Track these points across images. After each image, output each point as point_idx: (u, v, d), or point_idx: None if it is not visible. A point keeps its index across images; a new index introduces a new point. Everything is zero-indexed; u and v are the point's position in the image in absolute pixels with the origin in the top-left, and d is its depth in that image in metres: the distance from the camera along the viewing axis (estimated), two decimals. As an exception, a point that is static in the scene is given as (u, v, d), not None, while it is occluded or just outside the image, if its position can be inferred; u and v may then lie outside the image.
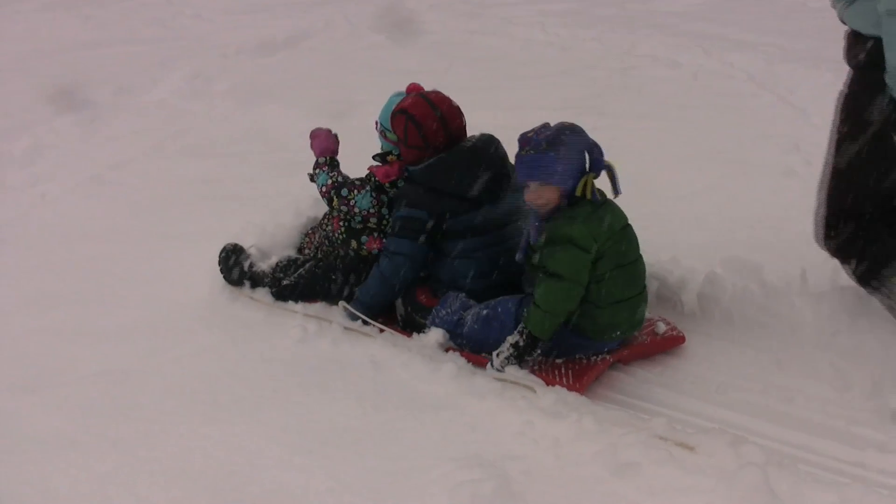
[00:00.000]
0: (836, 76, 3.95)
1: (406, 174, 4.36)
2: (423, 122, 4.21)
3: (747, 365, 3.97)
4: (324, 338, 4.22)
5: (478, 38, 10.82)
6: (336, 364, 4.01)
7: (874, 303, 4.01)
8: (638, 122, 6.89)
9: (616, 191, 3.84)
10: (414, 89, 4.41)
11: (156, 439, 3.53)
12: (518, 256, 4.00)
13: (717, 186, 5.76)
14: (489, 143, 4.30)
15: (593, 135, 3.77)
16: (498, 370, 3.80)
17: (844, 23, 3.76)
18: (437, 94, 4.34)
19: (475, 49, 10.11)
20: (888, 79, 3.48)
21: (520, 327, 3.82)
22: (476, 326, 4.03)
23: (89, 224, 5.80)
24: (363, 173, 4.55)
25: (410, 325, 4.35)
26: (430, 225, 4.21)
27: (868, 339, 3.95)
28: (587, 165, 3.79)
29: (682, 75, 8.95)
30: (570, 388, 3.76)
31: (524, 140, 3.79)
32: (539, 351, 3.84)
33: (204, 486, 3.26)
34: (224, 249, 4.80)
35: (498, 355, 3.83)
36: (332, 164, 4.63)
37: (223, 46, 11.09)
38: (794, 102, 7.57)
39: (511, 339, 3.82)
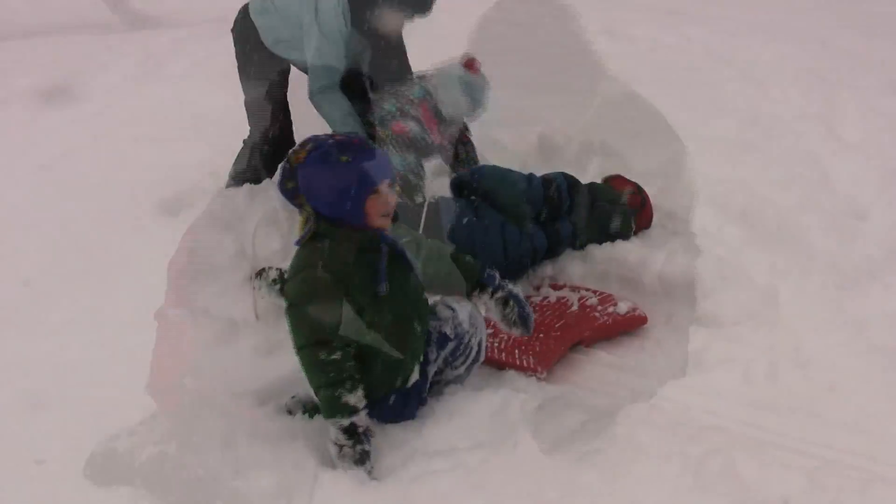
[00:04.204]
0: (795, 48, 3.93)
1: None
2: None
3: (710, 345, 3.90)
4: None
5: (431, 16, 10.71)
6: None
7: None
8: (593, 98, 6.83)
9: None
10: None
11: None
12: None
13: (674, 162, 5.69)
14: None
15: (551, 112, 3.67)
16: None
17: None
18: None
19: (427, 28, 10.02)
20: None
21: None
22: None
23: (37, 214, 5.68)
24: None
25: None
26: None
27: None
28: None
29: (637, 50, 8.86)
30: (532, 370, 3.70)
31: None
32: None
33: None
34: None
35: None
36: None
37: (175, 27, 10.91)
38: (753, 76, 7.51)
39: None
